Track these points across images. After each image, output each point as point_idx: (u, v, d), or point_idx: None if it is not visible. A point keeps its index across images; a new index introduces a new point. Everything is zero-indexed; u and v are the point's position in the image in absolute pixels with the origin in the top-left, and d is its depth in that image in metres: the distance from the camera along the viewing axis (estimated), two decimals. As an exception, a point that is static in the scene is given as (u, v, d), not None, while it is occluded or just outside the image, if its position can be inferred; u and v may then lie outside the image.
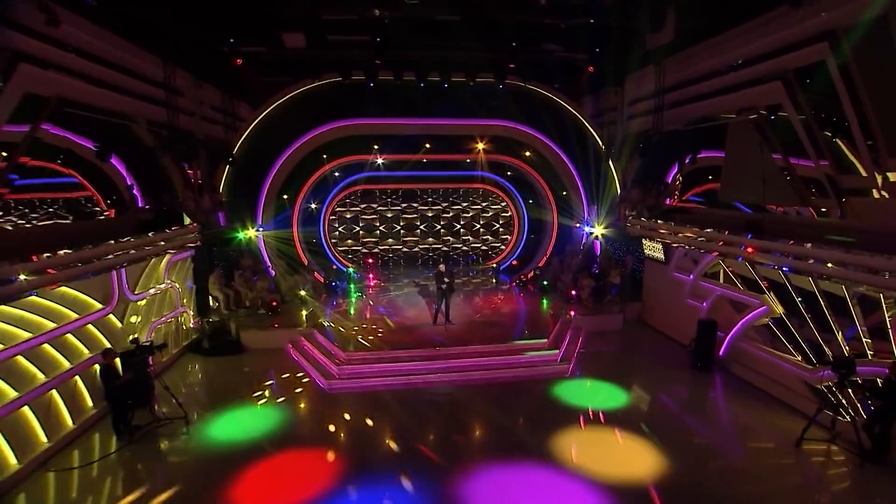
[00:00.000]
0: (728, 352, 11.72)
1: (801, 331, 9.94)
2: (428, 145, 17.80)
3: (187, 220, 13.36)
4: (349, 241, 20.49)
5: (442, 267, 13.36)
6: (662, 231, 13.02)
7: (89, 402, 9.30)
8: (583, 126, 17.56)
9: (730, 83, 12.55)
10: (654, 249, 14.79)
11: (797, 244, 9.04)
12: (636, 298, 15.75)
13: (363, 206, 20.39)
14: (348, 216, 20.41)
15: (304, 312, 14.18)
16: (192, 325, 13.39)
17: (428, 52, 15.35)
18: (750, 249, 10.05)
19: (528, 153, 18.38)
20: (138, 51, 12.19)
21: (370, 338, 12.91)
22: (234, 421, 9.68)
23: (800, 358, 9.84)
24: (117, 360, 9.08)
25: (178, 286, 12.78)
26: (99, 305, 9.81)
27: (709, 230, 11.40)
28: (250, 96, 16.13)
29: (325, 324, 13.74)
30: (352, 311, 15.24)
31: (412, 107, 16.54)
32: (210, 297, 14.34)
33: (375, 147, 17.51)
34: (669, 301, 14.12)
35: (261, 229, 16.49)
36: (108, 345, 9.55)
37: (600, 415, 9.75)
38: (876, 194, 8.96)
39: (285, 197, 17.14)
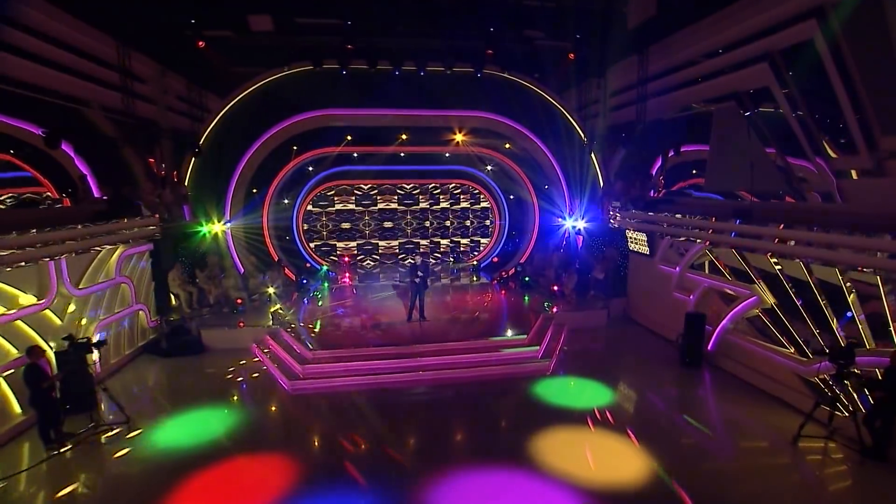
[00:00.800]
0: (717, 346, 11.13)
1: (793, 322, 9.36)
2: (404, 136, 17.05)
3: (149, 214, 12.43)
4: (324, 238, 19.63)
5: (417, 259, 12.62)
6: (648, 221, 12.45)
7: (17, 408, 8.33)
8: (565, 118, 17.00)
9: (715, 68, 12.08)
10: (638, 243, 14.22)
11: (790, 228, 8.48)
12: (621, 294, 15.15)
13: (338, 201, 19.55)
14: (322, 212, 19.55)
15: (270, 310, 13.30)
16: (149, 325, 12.42)
17: (403, 39, 14.66)
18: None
19: (507, 145, 17.75)
20: (93, 31, 11.35)
21: (338, 335, 12.11)
22: (184, 426, 8.79)
23: (793, 350, 9.26)
24: (52, 359, 8.14)
25: (133, 282, 11.83)
26: (33, 300, 8.85)
27: (697, 218, 10.84)
28: (218, 86, 15.25)
29: (291, 321, 12.91)
30: (320, 305, 14.41)
31: (387, 97, 15.79)
32: (171, 295, 13.38)
33: (349, 137, 16.69)
34: (655, 295, 13.53)
35: (229, 224, 15.58)
36: (44, 345, 8.60)
37: (583, 415, 9.04)
38: (868, 175, 8.45)
39: (255, 191, 16.26)
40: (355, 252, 19.90)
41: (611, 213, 14.56)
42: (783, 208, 10.22)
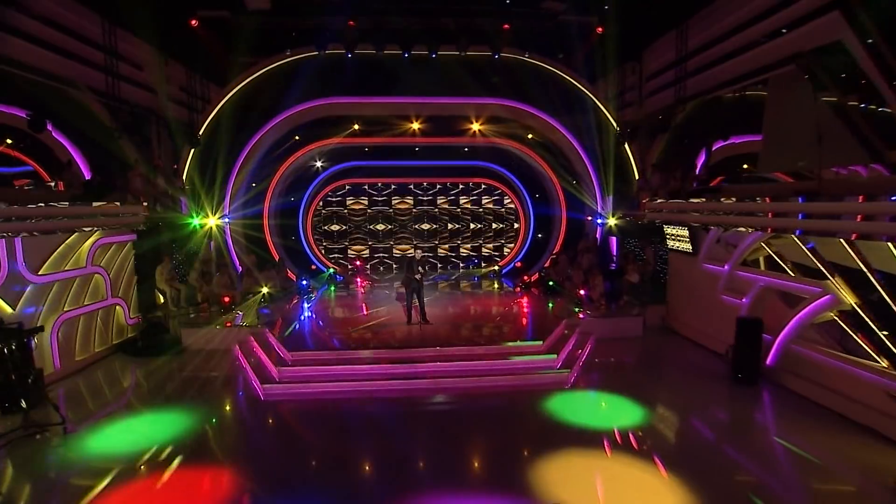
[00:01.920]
0: (779, 359, 8.95)
1: (884, 327, 7.18)
2: (417, 126, 15.67)
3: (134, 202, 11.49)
4: (332, 239, 18.40)
5: (416, 254, 11.13)
6: (690, 210, 10.47)
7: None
8: (595, 105, 15.23)
9: (769, 29, 10.17)
10: (678, 239, 12.16)
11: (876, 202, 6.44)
12: (659, 300, 13.07)
13: (350, 200, 18.34)
14: (331, 211, 18.37)
15: (255, 310, 12.06)
16: (127, 322, 11.36)
17: (412, 18, 13.41)
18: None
19: (530, 136, 16.09)
20: (84, 11, 10.86)
21: (325, 335, 10.72)
22: (128, 431, 7.49)
23: (887, 364, 7.06)
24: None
25: (109, 274, 10.82)
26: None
27: (751, 201, 8.83)
28: (218, 75, 14.43)
29: (275, 321, 11.68)
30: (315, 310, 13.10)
31: (397, 83, 14.55)
32: (157, 292, 12.36)
33: (356, 126, 15.46)
34: (700, 300, 11.41)
35: (227, 219, 14.57)
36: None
37: (606, 437, 7.14)
38: None
39: (254, 185, 15.25)
40: (367, 255, 18.58)
41: (646, 206, 12.60)
42: (860, 181, 8.13)
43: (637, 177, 14.96)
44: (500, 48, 14.20)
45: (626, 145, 15.02)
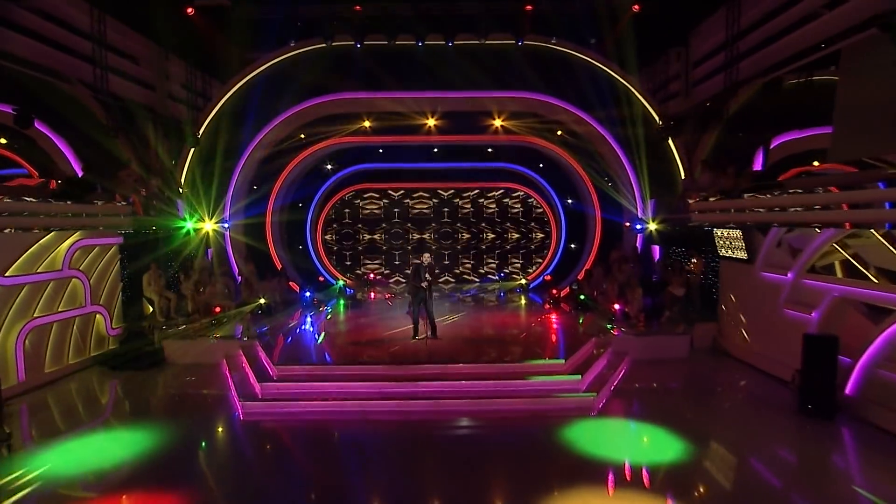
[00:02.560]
0: (862, 387, 7.57)
1: None
2: (433, 123, 15.01)
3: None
4: (344, 250, 17.86)
5: (426, 258, 10.35)
6: (750, 207, 9.29)
7: None
8: (632, 96, 14.22)
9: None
10: (731, 245, 10.90)
11: None
12: (710, 317, 11.77)
13: (362, 208, 17.81)
14: (343, 221, 17.89)
15: (248, 322, 11.49)
16: (108, 333, 10.97)
17: (426, 3, 12.88)
18: None
19: (559, 132, 15.16)
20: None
21: (319, 348, 10.09)
22: (82, 450, 6.94)
23: None
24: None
25: (89, 279, 10.49)
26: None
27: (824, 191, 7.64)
28: (220, 70, 14.26)
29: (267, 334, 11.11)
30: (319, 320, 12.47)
31: (411, 76, 13.99)
32: (145, 301, 12.00)
33: (366, 124, 14.93)
34: (758, 316, 10.10)
35: (227, 225, 14.22)
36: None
37: (641, 475, 6.04)
38: None
39: (255, 188, 14.90)
40: (383, 270, 17.93)
41: (694, 207, 11.43)
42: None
43: (683, 176, 13.77)
44: (523, 34, 13.48)
45: (670, 140, 13.89)
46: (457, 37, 13.56)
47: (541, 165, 17.10)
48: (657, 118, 14.01)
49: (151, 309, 12.00)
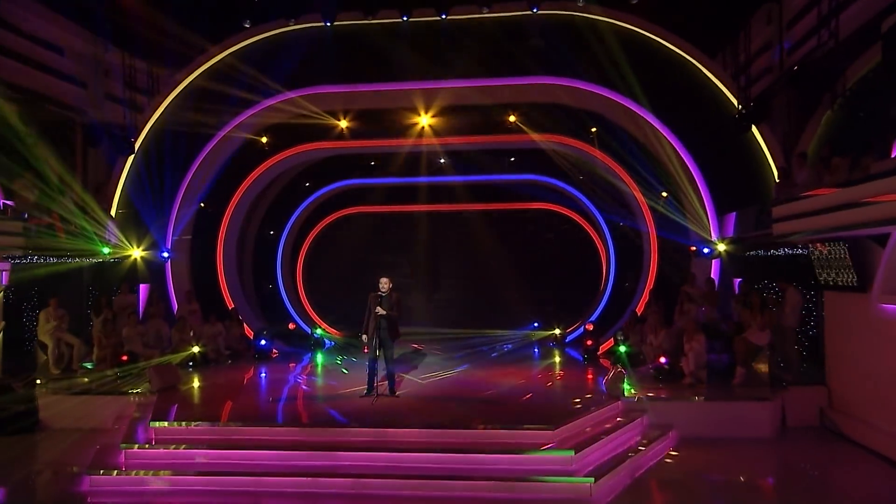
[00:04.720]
0: None
1: None
2: (428, 122, 13.80)
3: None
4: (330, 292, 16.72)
5: (384, 284, 8.91)
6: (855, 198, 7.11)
7: None
8: (700, 76, 12.42)
9: None
10: (833, 268, 8.63)
11: None
12: (814, 377, 9.43)
13: (350, 233, 16.77)
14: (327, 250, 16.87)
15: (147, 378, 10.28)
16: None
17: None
18: None
19: (593, 130, 13.49)
20: None
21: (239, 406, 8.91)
22: None
23: None
24: None
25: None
26: None
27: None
28: (166, 62, 13.82)
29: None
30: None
31: (398, 63, 13.00)
32: (37, 346, 11.17)
33: (343, 123, 13.88)
34: (883, 372, 7.72)
35: (166, 254, 13.39)
36: None
37: None
38: None
39: (203, 205, 14.08)
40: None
41: (776, 213, 9.29)
42: None
43: (777, 177, 11.55)
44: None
45: (755, 129, 11.85)
46: (451, 10, 12.54)
47: (581, 178, 15.42)
48: (736, 103, 12.07)
49: (45, 357, 11.10)
